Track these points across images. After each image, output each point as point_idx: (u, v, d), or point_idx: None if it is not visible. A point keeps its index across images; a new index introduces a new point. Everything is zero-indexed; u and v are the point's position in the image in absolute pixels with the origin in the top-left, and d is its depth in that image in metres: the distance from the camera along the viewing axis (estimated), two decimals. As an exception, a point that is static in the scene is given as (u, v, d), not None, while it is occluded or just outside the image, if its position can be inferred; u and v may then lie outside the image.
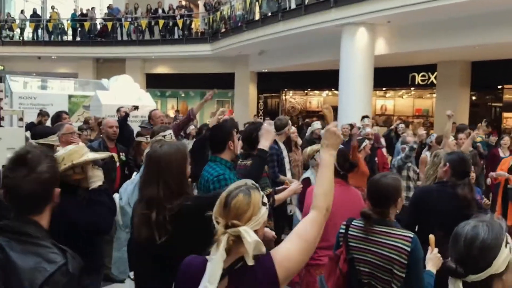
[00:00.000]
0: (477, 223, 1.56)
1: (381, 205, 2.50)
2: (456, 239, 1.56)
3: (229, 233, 1.64)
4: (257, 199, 1.72)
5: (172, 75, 21.78)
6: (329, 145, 1.98)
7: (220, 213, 1.71)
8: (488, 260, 1.50)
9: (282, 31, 13.74)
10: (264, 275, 1.68)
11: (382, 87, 17.84)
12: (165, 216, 2.17)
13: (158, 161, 2.28)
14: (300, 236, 1.79)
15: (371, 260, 2.45)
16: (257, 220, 1.69)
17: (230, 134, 3.15)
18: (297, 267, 1.78)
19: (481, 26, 10.41)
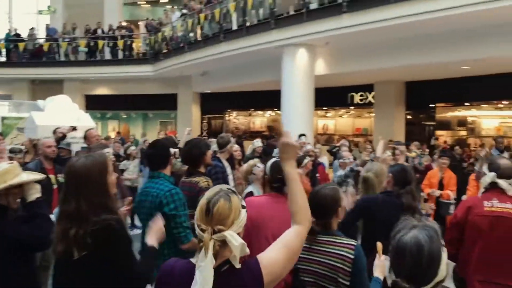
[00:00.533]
0: (413, 231, 1.53)
1: (322, 216, 2.51)
2: (400, 254, 1.51)
3: (214, 239, 1.68)
4: (237, 203, 1.77)
5: (113, 97, 21.30)
6: (288, 158, 1.96)
7: (203, 220, 1.73)
8: (435, 269, 1.49)
9: (224, 52, 13.83)
10: (250, 277, 1.72)
11: (323, 107, 18.29)
12: (86, 230, 2.08)
13: (75, 175, 2.19)
14: (285, 245, 1.83)
15: (316, 269, 2.45)
16: (239, 224, 1.75)
17: (169, 150, 3.16)
18: (281, 274, 1.81)
19: (415, 48, 10.94)
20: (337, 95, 16.59)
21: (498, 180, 3.21)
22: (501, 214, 3.13)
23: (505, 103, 14.94)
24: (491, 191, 3.24)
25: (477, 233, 3.16)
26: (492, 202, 3.17)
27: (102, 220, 2.10)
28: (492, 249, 3.10)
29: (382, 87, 15.13)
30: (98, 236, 2.08)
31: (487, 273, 3.10)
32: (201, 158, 3.93)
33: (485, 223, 3.14)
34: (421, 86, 14.59)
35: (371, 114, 17.18)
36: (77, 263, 2.08)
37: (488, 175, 3.26)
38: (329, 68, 13.06)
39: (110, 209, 2.19)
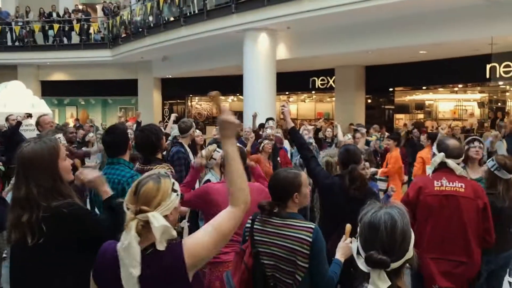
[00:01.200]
0: (383, 210, 1.55)
1: (279, 197, 2.53)
2: (375, 229, 1.52)
3: (138, 219, 1.69)
4: (167, 185, 1.78)
5: (70, 82, 20.71)
6: (227, 136, 1.90)
7: (130, 200, 1.76)
8: (406, 245, 1.52)
9: (185, 36, 13.63)
10: (172, 260, 1.73)
11: (285, 91, 18.36)
12: (38, 216, 2.04)
13: (25, 160, 2.14)
14: (215, 228, 1.82)
15: (275, 252, 2.46)
16: (167, 206, 1.75)
17: (127, 135, 3.11)
18: (207, 255, 1.82)
19: (374, 32, 11.10)
20: (299, 79, 16.69)
21: (447, 160, 3.31)
22: (450, 193, 3.24)
23: (460, 86, 15.42)
24: (440, 171, 3.33)
25: (428, 212, 3.25)
26: (442, 182, 3.27)
27: (54, 207, 2.06)
28: (443, 227, 3.21)
29: (342, 72, 15.31)
30: (51, 223, 2.04)
31: (439, 250, 3.20)
32: (160, 144, 3.86)
33: (436, 202, 3.24)
34: (380, 70, 14.85)
35: (332, 99, 17.40)
36: (32, 250, 2.04)
37: (438, 155, 3.34)
38: (291, 53, 13.10)
39: (63, 194, 2.14)
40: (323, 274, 2.41)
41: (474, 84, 14.85)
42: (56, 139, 2.34)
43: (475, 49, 11.18)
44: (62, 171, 2.20)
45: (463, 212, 3.21)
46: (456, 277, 3.23)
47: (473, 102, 17.56)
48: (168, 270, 1.73)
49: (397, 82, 15.16)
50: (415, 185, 3.38)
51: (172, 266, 1.73)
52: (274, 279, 2.48)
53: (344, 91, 15.30)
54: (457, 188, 3.25)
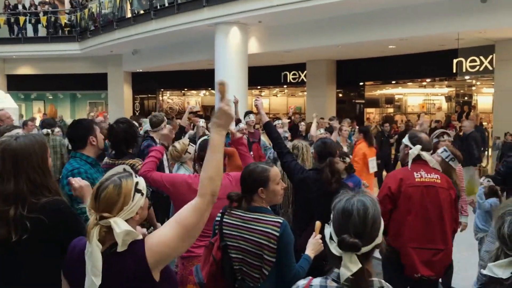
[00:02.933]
0: (355, 197, 1.61)
1: (246, 190, 2.53)
2: (347, 215, 1.58)
3: (100, 225, 1.67)
4: (129, 187, 1.73)
5: (38, 76, 20.20)
6: (220, 125, 1.87)
7: (92, 206, 1.72)
8: (377, 231, 1.58)
9: (155, 30, 13.46)
10: (133, 260, 1.69)
11: (257, 86, 18.39)
12: (25, 212, 2.00)
13: (15, 154, 2.08)
14: (179, 222, 1.77)
15: (243, 246, 2.47)
16: (130, 209, 1.72)
17: (90, 129, 3.05)
18: (173, 252, 1.77)
19: (345, 27, 11.24)
20: (271, 73, 16.74)
21: (422, 153, 3.42)
22: (429, 183, 3.36)
23: (428, 81, 15.74)
24: (417, 164, 3.43)
25: (410, 203, 3.33)
26: (421, 173, 3.38)
27: (43, 203, 2.04)
28: (423, 217, 3.30)
29: (314, 66, 15.41)
30: (37, 219, 2.00)
31: (420, 239, 3.29)
32: (134, 139, 3.82)
33: (417, 192, 3.33)
34: (351, 64, 15.03)
35: (304, 93, 17.51)
36: (16, 246, 1.99)
37: (415, 147, 3.43)
38: (262, 47, 13.11)
39: (51, 190, 2.12)
40: (290, 268, 2.42)
41: (441, 79, 15.18)
42: (43, 136, 2.33)
43: (442, 44, 11.45)
44: (50, 166, 2.20)
45: (440, 201, 3.34)
46: (435, 264, 3.32)
47: (440, 96, 17.95)
48: (131, 270, 1.69)
49: (367, 76, 15.38)
50: (395, 177, 3.44)
51: (134, 265, 1.69)
52: (242, 273, 2.48)
53: (315, 85, 15.42)
54: (434, 179, 3.38)
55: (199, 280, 2.49)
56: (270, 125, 3.89)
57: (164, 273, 1.77)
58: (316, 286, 1.63)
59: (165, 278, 1.77)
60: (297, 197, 3.70)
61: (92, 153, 3.08)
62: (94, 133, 3.06)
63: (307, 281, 1.68)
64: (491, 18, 9.14)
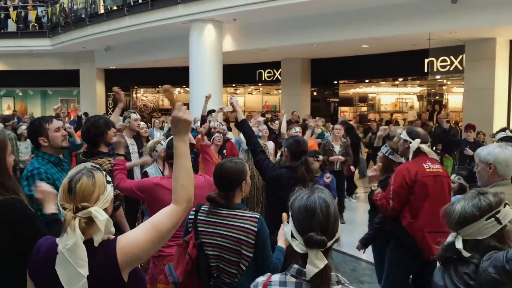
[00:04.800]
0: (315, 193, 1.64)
1: (226, 188, 2.55)
2: (310, 211, 1.60)
3: (80, 216, 1.64)
4: (100, 179, 1.74)
5: (7, 72, 19.65)
6: (178, 132, 1.85)
7: (65, 199, 1.69)
8: (337, 227, 1.62)
9: (129, 26, 13.31)
10: (104, 258, 1.68)
11: (232, 84, 18.36)
12: None
13: None
14: (154, 226, 1.76)
15: (220, 243, 2.48)
16: (105, 199, 1.73)
17: (39, 131, 3.01)
18: (143, 254, 1.76)
19: (319, 26, 11.32)
20: (246, 72, 16.73)
21: (421, 145, 3.70)
22: (436, 173, 3.66)
23: (400, 80, 15.99)
24: (420, 156, 3.71)
25: (425, 191, 3.59)
26: (428, 164, 3.67)
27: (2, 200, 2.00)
28: (435, 203, 3.50)
29: (288, 64, 15.47)
30: None
31: (433, 224, 3.46)
32: (101, 137, 3.76)
33: (430, 181, 3.61)
34: (325, 63, 15.14)
35: (279, 91, 17.57)
36: None
37: (415, 141, 3.70)
38: (237, 45, 13.09)
39: (8, 189, 2.08)
40: (268, 261, 2.47)
41: (413, 78, 15.44)
42: (5, 134, 2.27)
43: (414, 44, 11.64)
44: (9, 165, 2.15)
45: (445, 189, 3.68)
46: None
47: (413, 95, 18.28)
48: (100, 268, 1.67)
49: (341, 75, 15.52)
50: (409, 169, 3.65)
51: (104, 263, 1.68)
52: (218, 270, 2.49)
53: (290, 84, 15.49)
54: (438, 169, 3.71)
55: (174, 279, 2.47)
56: (245, 123, 3.92)
57: (132, 273, 1.75)
58: (275, 282, 1.65)
59: (134, 278, 1.76)
60: (269, 194, 3.79)
61: (53, 152, 3.03)
62: (44, 134, 2.99)
63: (266, 278, 1.69)
64: (461, 19, 9.35)
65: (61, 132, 3.06)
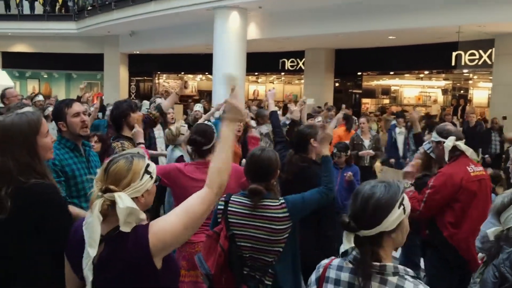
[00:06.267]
0: (377, 183, 1.64)
1: (264, 178, 2.52)
2: (355, 196, 1.63)
3: (104, 197, 1.64)
4: (139, 167, 1.73)
5: (33, 54, 19.94)
6: (229, 118, 1.90)
7: (100, 177, 1.70)
8: (380, 217, 1.58)
9: (154, 12, 13.31)
10: (135, 244, 1.66)
11: (254, 72, 18.29)
12: (7, 192, 1.94)
13: (3, 132, 2.05)
14: (186, 211, 1.75)
15: (253, 234, 2.47)
16: (137, 188, 1.70)
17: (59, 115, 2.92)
18: (176, 240, 1.75)
19: (345, 15, 11.16)
20: (269, 60, 16.63)
21: (457, 142, 3.35)
22: (481, 177, 3.36)
23: (426, 73, 15.73)
24: (461, 158, 3.36)
25: (471, 198, 3.28)
26: (472, 167, 3.34)
27: (32, 184, 1.97)
28: (480, 209, 3.25)
29: (312, 54, 15.34)
30: (21, 199, 1.94)
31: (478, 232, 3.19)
32: (123, 120, 3.76)
33: (476, 187, 3.30)
34: (349, 54, 14.96)
35: (301, 81, 17.44)
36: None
37: (449, 139, 3.35)
38: (262, 33, 13.01)
39: (39, 173, 2.04)
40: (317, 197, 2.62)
41: (439, 71, 15.17)
42: (39, 113, 2.23)
43: (441, 37, 11.41)
44: (40, 148, 2.10)
45: (489, 193, 3.41)
46: None
47: (437, 89, 17.97)
48: (132, 254, 1.65)
49: (365, 66, 15.33)
50: (453, 176, 3.30)
51: (136, 250, 1.65)
52: (252, 260, 2.48)
53: (313, 74, 15.36)
54: (481, 171, 3.40)
55: (206, 271, 2.44)
56: (274, 115, 3.97)
57: (165, 260, 1.74)
58: (334, 266, 1.69)
59: (167, 265, 1.74)
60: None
61: (71, 137, 2.91)
62: (63, 118, 2.88)
63: (328, 261, 1.73)
64: (491, 12, 9.11)
65: (80, 118, 2.90)
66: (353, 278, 1.60)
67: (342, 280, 1.63)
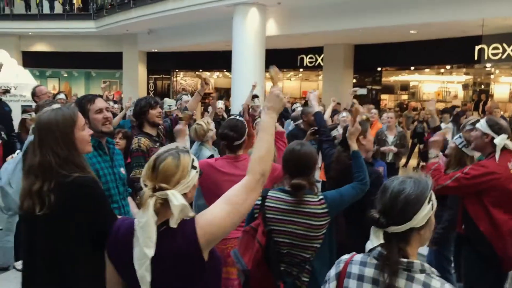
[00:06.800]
0: (405, 178, 1.61)
1: (305, 173, 2.50)
2: (384, 192, 1.60)
3: (156, 196, 1.63)
4: (186, 162, 1.72)
5: (53, 54, 20.19)
6: (270, 108, 1.92)
7: (148, 176, 1.69)
8: (410, 214, 1.55)
9: (172, 9, 13.34)
10: (183, 239, 1.66)
11: (272, 69, 18.20)
12: (49, 187, 1.95)
13: (41, 127, 2.07)
14: (229, 201, 1.74)
15: (291, 230, 2.44)
16: (186, 184, 1.70)
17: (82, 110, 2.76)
18: (223, 232, 1.74)
19: (365, 10, 11.04)
20: (287, 56, 16.51)
21: (508, 142, 3.22)
22: None
23: (448, 67, 15.49)
24: (504, 154, 3.21)
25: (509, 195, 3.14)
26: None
27: (75, 178, 1.98)
28: None
29: (331, 50, 15.21)
30: (61, 195, 1.95)
31: None
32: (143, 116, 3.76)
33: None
34: (369, 49, 14.80)
35: (319, 77, 17.31)
36: (40, 222, 1.96)
37: (500, 137, 3.20)
38: (280, 29, 12.95)
39: (79, 166, 2.05)
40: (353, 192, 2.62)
41: (459, 66, 14.94)
42: (75, 108, 2.24)
43: (464, 31, 11.22)
44: (78, 141, 2.11)
45: None
46: None
47: (457, 84, 17.72)
48: (181, 249, 1.66)
49: (385, 61, 15.13)
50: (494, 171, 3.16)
51: (186, 244, 1.66)
52: (290, 256, 2.45)
53: (332, 70, 15.24)
54: None
55: (243, 267, 2.43)
56: (319, 115, 3.97)
57: (211, 253, 1.74)
58: (356, 261, 1.66)
59: (212, 257, 1.75)
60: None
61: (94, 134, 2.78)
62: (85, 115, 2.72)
63: (349, 256, 1.70)
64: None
65: (102, 115, 2.84)
66: (378, 274, 1.56)
67: (366, 275, 1.60)
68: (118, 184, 2.88)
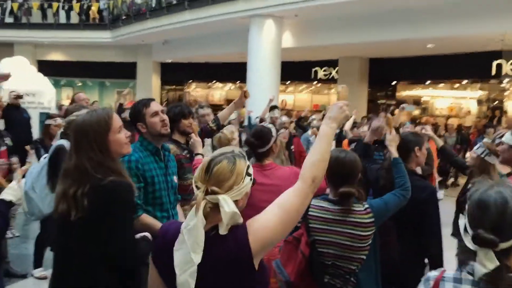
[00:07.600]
0: (493, 187, 1.51)
1: (350, 181, 2.43)
2: (485, 207, 1.47)
3: (207, 200, 1.56)
4: (241, 168, 1.63)
5: (68, 63, 20.39)
6: (331, 118, 1.87)
7: (201, 178, 1.61)
8: None
9: (188, 21, 13.45)
10: (235, 245, 1.58)
11: (286, 81, 18.22)
12: (84, 191, 1.92)
13: (75, 131, 2.06)
14: (281, 206, 1.66)
15: (336, 240, 2.37)
16: (239, 190, 1.61)
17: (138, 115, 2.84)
18: (275, 238, 1.66)
19: (381, 23, 11.03)
20: (301, 69, 16.53)
21: None
22: None
23: (464, 82, 15.36)
24: None
25: None
26: None
27: (109, 182, 1.94)
28: None
29: (346, 63, 15.19)
30: (94, 198, 1.92)
31: None
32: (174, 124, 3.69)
33: None
34: (384, 63, 14.76)
35: (331, 91, 17.26)
36: (74, 225, 1.93)
37: None
38: (296, 41, 12.97)
39: (114, 170, 2.01)
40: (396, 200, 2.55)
41: (474, 81, 14.83)
42: (109, 110, 2.20)
43: (483, 45, 11.14)
44: (113, 144, 2.07)
45: None
46: None
47: (470, 99, 17.56)
48: (231, 256, 1.58)
49: (401, 75, 15.09)
50: None
51: (237, 251, 1.58)
52: (335, 268, 2.37)
53: (346, 83, 14.79)
54: None
55: (286, 278, 2.34)
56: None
57: (261, 262, 1.66)
58: (449, 278, 1.54)
59: (261, 266, 1.67)
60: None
61: (152, 139, 2.81)
62: (142, 119, 2.78)
63: (439, 273, 1.58)
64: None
65: (159, 117, 2.80)
66: None
67: None
68: (170, 193, 2.84)
